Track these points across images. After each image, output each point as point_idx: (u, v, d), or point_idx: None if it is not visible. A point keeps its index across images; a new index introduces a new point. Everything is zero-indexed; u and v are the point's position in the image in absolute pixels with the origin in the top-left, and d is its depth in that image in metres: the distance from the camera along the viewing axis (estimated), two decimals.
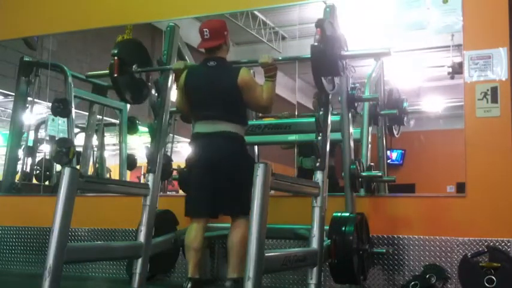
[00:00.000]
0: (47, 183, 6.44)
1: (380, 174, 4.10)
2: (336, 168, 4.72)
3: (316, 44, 3.26)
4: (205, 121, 3.55)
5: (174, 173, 4.53)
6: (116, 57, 3.83)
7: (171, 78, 3.99)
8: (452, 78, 3.90)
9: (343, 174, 3.88)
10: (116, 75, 3.78)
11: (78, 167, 5.90)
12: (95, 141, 6.65)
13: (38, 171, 6.52)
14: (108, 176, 7.00)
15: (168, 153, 5.18)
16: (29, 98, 6.14)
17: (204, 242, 3.53)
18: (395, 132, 4.91)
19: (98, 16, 5.47)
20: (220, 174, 3.44)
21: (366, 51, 3.95)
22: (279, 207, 4.13)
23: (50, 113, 5.82)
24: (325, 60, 3.31)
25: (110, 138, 7.25)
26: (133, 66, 3.91)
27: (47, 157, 6.36)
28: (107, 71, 3.88)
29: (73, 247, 3.30)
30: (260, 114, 4.91)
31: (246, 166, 3.37)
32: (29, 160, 6.66)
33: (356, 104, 3.98)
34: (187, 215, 3.58)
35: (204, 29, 3.56)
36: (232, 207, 3.46)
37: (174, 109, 4.36)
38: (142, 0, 5.38)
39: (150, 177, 3.72)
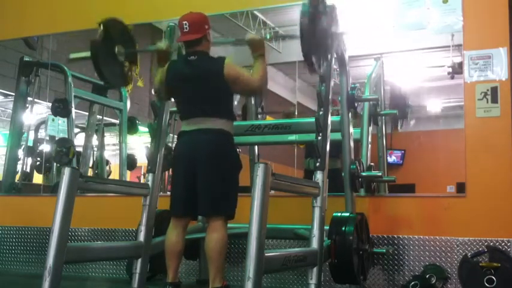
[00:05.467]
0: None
1: (380, 174, 4.10)
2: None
3: (305, 17, 3.12)
4: (190, 119, 3.37)
5: None
6: (101, 26, 3.65)
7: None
8: (452, 78, 3.91)
9: (343, 174, 3.88)
10: (98, 39, 3.60)
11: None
12: (95, 141, 6.65)
13: (38, 163, 6.55)
14: (107, 168, 6.99)
15: None
16: (29, 98, 6.15)
17: (184, 243, 3.37)
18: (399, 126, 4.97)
19: (98, 16, 5.45)
20: (199, 171, 3.25)
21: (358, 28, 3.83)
22: (279, 207, 4.13)
23: (50, 113, 5.83)
24: (315, 35, 3.19)
25: (110, 138, 7.25)
26: (117, 47, 3.76)
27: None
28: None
29: (73, 247, 3.30)
30: (260, 115, 4.91)
31: (227, 161, 3.29)
32: (29, 160, 6.67)
33: (356, 104, 3.98)
34: (170, 214, 3.46)
35: (184, 22, 3.36)
36: (207, 207, 3.25)
37: (174, 109, 4.37)
38: (142, 0, 5.38)
39: (150, 177, 3.72)
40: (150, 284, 3.75)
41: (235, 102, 4.22)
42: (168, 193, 3.54)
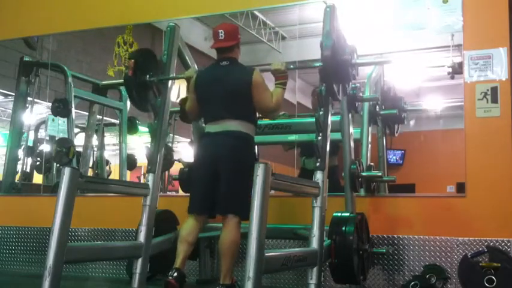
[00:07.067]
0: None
1: (380, 174, 4.10)
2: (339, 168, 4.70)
3: (327, 52, 3.32)
4: (215, 121, 3.56)
5: (175, 172, 4.52)
6: (132, 60, 3.90)
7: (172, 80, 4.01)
8: (452, 78, 3.90)
9: (343, 174, 3.88)
10: (130, 75, 3.84)
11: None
12: (95, 141, 6.65)
13: (38, 163, 6.55)
14: (107, 168, 7.00)
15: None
16: (29, 98, 6.14)
17: (197, 237, 3.54)
18: (395, 131, 4.91)
19: (98, 16, 5.47)
20: (220, 173, 3.43)
21: (374, 60, 4.33)
22: (279, 207, 4.13)
23: (50, 113, 5.82)
24: (337, 68, 3.39)
25: (110, 138, 7.25)
26: (147, 76, 3.92)
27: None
28: (121, 80, 4.00)
29: (73, 247, 3.30)
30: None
31: (247, 166, 3.36)
32: (29, 160, 6.67)
33: (356, 104, 3.98)
34: (188, 211, 3.59)
35: (219, 31, 3.61)
36: (226, 206, 3.43)
37: (174, 109, 4.37)
38: (142, 0, 5.38)
39: (150, 177, 3.72)
40: (150, 284, 3.75)
41: None
42: (168, 193, 3.57)
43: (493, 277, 3.50)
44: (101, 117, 6.62)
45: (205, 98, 3.64)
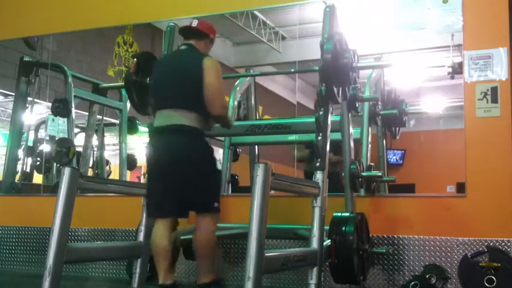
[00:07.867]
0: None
1: (380, 174, 4.09)
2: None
3: (328, 55, 3.32)
4: (163, 110, 3.43)
5: None
6: (135, 59, 3.91)
7: None
8: (452, 78, 3.90)
9: (343, 174, 3.88)
10: (132, 71, 3.83)
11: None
12: (95, 141, 6.65)
13: (38, 163, 6.56)
14: (107, 168, 7.00)
15: None
16: (29, 98, 6.15)
17: (171, 242, 3.39)
18: (396, 134, 4.89)
19: (98, 16, 5.48)
20: (180, 174, 3.34)
21: (375, 63, 4.40)
22: (279, 207, 4.13)
23: (50, 113, 5.83)
24: (337, 71, 3.39)
25: (110, 138, 7.25)
26: (148, 79, 3.90)
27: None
28: (120, 83, 4.01)
29: (73, 247, 3.30)
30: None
31: (206, 162, 3.40)
32: (29, 160, 6.67)
33: (356, 104, 3.98)
34: (149, 215, 3.52)
35: (194, 20, 3.57)
36: (194, 207, 3.40)
37: None
38: (142, 0, 5.39)
39: None
40: (150, 284, 3.75)
41: (235, 102, 4.21)
42: None
43: (493, 277, 3.50)
44: (101, 117, 6.61)
45: (156, 86, 3.54)
